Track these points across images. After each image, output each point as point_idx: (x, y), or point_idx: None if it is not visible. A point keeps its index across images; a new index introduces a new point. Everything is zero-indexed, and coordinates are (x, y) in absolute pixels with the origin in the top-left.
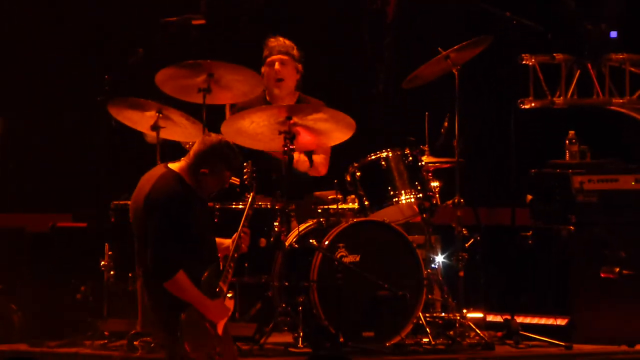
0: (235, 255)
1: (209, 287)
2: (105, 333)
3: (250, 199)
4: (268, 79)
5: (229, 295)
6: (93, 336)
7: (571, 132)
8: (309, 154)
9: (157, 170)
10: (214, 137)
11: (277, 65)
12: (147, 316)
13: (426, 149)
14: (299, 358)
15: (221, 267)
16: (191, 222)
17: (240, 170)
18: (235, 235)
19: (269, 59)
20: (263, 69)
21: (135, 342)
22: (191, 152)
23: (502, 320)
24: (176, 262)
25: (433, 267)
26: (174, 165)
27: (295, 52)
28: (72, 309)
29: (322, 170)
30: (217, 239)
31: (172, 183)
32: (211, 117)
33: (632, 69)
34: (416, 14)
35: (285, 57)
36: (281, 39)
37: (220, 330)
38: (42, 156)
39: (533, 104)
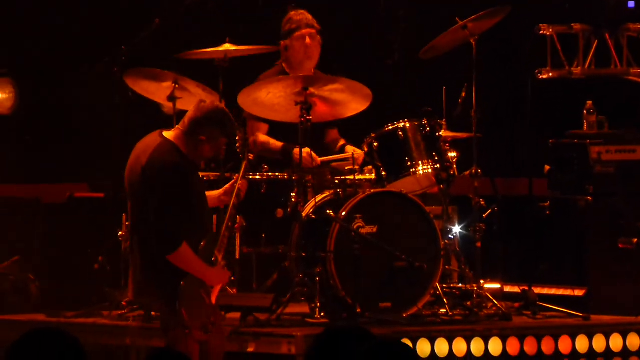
0: (229, 224)
1: (206, 256)
2: (123, 303)
3: (242, 169)
4: (297, 52)
5: (223, 263)
6: (111, 306)
7: (589, 103)
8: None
9: (153, 140)
10: (209, 103)
11: (308, 40)
12: (140, 284)
13: (444, 122)
14: (316, 328)
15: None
16: (190, 192)
17: (235, 137)
18: (229, 186)
19: (297, 33)
20: (287, 42)
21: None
22: (186, 119)
23: (519, 291)
24: (179, 234)
25: (450, 238)
26: (168, 134)
27: (317, 25)
28: (90, 280)
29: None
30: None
31: (170, 154)
32: (228, 88)
33: None
34: None
35: (312, 31)
36: (303, 11)
37: (213, 299)
38: (59, 127)
39: (551, 74)
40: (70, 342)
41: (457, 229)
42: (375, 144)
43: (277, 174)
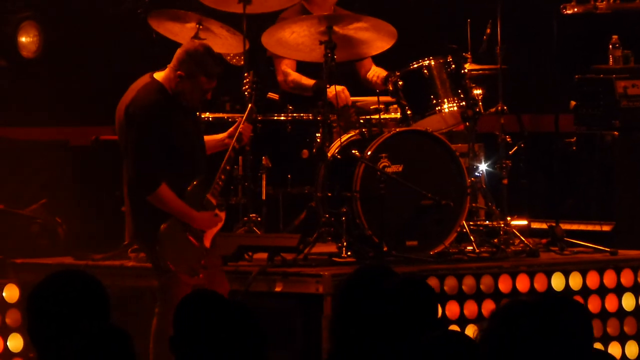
0: (227, 167)
1: (194, 199)
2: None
3: (247, 110)
4: None
5: (220, 207)
6: (138, 249)
7: (614, 37)
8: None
9: (142, 80)
10: (195, 42)
11: None
12: (130, 228)
13: (469, 56)
14: (343, 267)
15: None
16: (172, 134)
17: (219, 78)
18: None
19: None
20: None
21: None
22: (174, 57)
23: (546, 227)
24: (157, 175)
25: (477, 175)
26: (158, 75)
27: None
28: (117, 222)
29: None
30: (207, 136)
31: (152, 94)
32: (252, 28)
33: None
34: None
35: None
36: None
37: (207, 243)
38: (85, 69)
39: (576, 9)
40: (92, 284)
41: (483, 166)
42: (400, 83)
43: (302, 114)
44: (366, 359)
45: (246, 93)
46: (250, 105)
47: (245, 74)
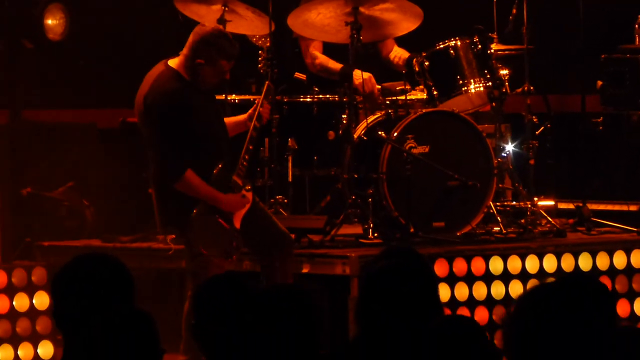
0: (251, 147)
1: (221, 182)
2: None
3: (265, 89)
4: None
5: (247, 187)
6: (165, 231)
7: None
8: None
9: (157, 69)
10: (208, 26)
11: None
12: (159, 216)
13: (495, 36)
14: (369, 249)
15: (243, 151)
16: (193, 120)
17: (237, 59)
18: (252, 110)
19: None
20: None
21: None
22: (186, 45)
23: (573, 207)
24: (183, 161)
25: (503, 156)
26: (172, 62)
27: None
28: (144, 204)
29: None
30: (228, 119)
31: (169, 81)
32: (278, 9)
33: None
34: None
35: None
36: None
37: (237, 223)
38: (112, 52)
39: None
40: (117, 267)
41: (510, 147)
42: (427, 63)
43: (328, 95)
44: (391, 341)
45: (261, 71)
46: (267, 82)
47: (260, 52)
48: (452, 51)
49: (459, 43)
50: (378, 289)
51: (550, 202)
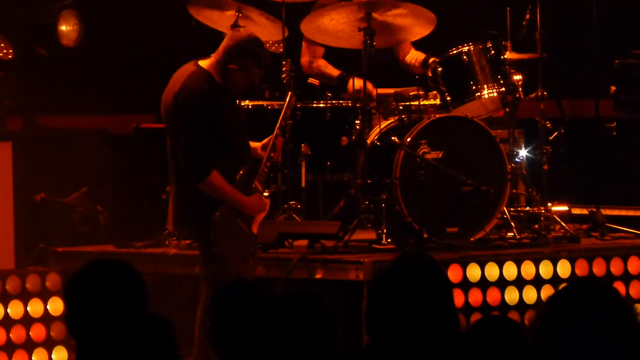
0: (272, 154)
1: (243, 185)
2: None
3: (287, 98)
4: None
5: (265, 194)
6: (179, 236)
7: None
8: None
9: (187, 68)
10: (242, 32)
11: None
12: (178, 216)
13: (508, 44)
14: (383, 254)
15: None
16: (222, 121)
17: (269, 67)
18: (271, 137)
19: None
20: None
21: (167, 242)
22: (220, 48)
23: (587, 213)
24: (209, 162)
25: (517, 161)
26: (203, 63)
27: None
28: (157, 209)
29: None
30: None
31: (201, 82)
32: (291, 15)
33: None
34: None
35: None
36: None
37: (255, 229)
38: (125, 58)
39: None
40: (129, 272)
41: (523, 152)
42: (440, 69)
43: (341, 101)
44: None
45: (284, 81)
46: (290, 92)
47: (284, 62)
48: (465, 57)
49: (472, 48)
50: (384, 292)
51: (564, 208)
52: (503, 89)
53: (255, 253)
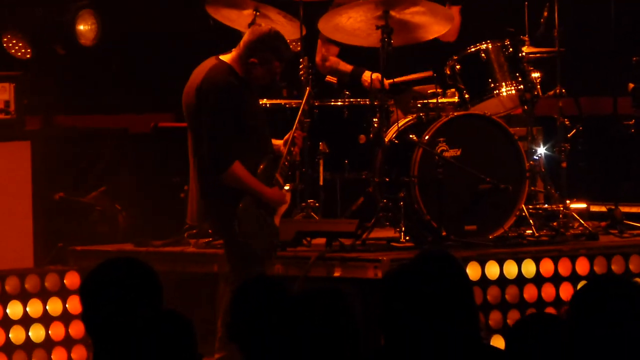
0: (292, 148)
1: (264, 178)
2: (210, 231)
3: (306, 94)
4: None
5: (286, 187)
6: (197, 235)
7: None
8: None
9: (209, 62)
10: (264, 27)
11: None
12: (199, 209)
13: (526, 39)
14: (401, 252)
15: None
16: (244, 114)
17: (291, 62)
18: (291, 132)
19: None
20: None
21: (186, 235)
22: (241, 43)
23: (605, 210)
24: (232, 153)
25: (535, 159)
26: (225, 57)
27: None
28: (176, 208)
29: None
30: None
31: (224, 74)
32: (308, 13)
33: None
34: None
35: None
36: None
37: (277, 221)
38: (143, 57)
39: None
40: (145, 271)
41: (542, 150)
42: (458, 66)
43: (359, 99)
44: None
45: (302, 78)
46: (308, 88)
47: (301, 60)
48: (483, 54)
49: (490, 46)
50: (400, 289)
51: (583, 205)
52: (521, 86)
53: (277, 247)
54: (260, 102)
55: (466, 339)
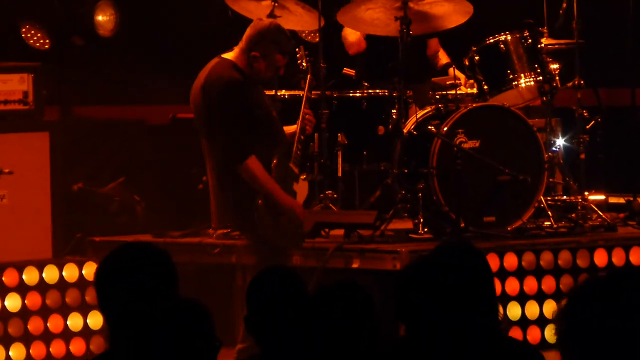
0: (302, 137)
1: (280, 172)
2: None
3: (307, 82)
4: None
5: (302, 177)
6: (215, 226)
7: None
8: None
9: (211, 62)
10: (265, 21)
11: None
12: (219, 209)
13: (545, 30)
14: (420, 244)
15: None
16: (251, 105)
17: (293, 54)
18: (299, 120)
19: None
20: None
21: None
22: (243, 37)
23: (624, 202)
24: (246, 145)
25: (554, 150)
26: (227, 55)
27: None
28: (194, 199)
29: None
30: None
31: (226, 70)
32: (327, 4)
33: None
34: None
35: None
36: None
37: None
38: (161, 48)
39: None
40: (160, 256)
41: (560, 141)
42: (477, 58)
43: (377, 90)
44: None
45: (301, 67)
46: (309, 75)
47: (297, 49)
48: (502, 45)
49: (509, 37)
50: (418, 279)
51: (601, 197)
52: (540, 77)
53: (299, 241)
54: (279, 93)
55: (486, 330)
